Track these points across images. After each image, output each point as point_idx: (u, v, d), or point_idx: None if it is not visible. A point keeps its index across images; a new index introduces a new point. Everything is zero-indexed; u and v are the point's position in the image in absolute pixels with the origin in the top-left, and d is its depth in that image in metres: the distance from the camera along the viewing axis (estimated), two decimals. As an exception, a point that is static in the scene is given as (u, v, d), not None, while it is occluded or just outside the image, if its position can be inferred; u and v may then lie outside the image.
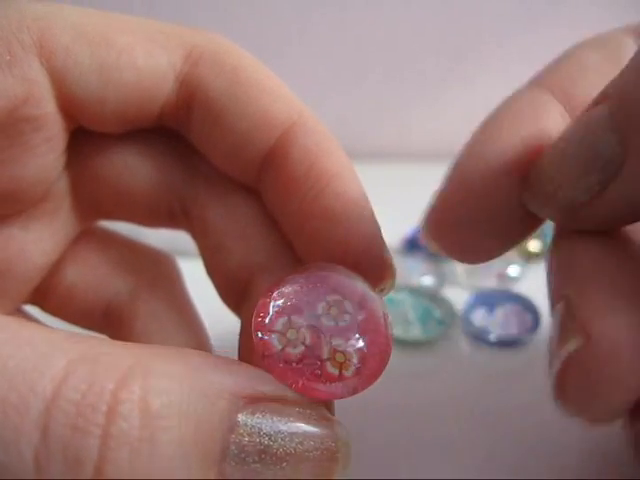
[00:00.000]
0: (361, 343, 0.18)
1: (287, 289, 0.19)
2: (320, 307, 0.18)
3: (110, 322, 0.26)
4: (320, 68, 0.52)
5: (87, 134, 0.22)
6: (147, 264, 0.26)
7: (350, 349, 0.18)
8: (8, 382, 0.14)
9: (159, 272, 0.27)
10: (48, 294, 0.25)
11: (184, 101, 0.22)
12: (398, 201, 0.38)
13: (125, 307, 0.26)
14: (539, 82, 0.22)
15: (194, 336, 0.26)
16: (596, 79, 0.21)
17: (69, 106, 0.20)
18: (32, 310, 0.26)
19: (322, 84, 0.21)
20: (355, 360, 0.18)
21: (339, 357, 0.18)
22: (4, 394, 0.14)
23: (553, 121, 0.21)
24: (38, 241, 0.23)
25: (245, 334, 0.23)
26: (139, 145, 0.23)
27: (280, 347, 0.18)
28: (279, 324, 0.18)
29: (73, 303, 0.25)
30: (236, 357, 0.22)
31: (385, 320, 0.19)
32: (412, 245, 0.42)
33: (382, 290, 0.21)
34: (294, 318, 0.18)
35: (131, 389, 0.15)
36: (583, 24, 0.53)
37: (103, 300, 0.26)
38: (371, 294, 0.19)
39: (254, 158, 0.21)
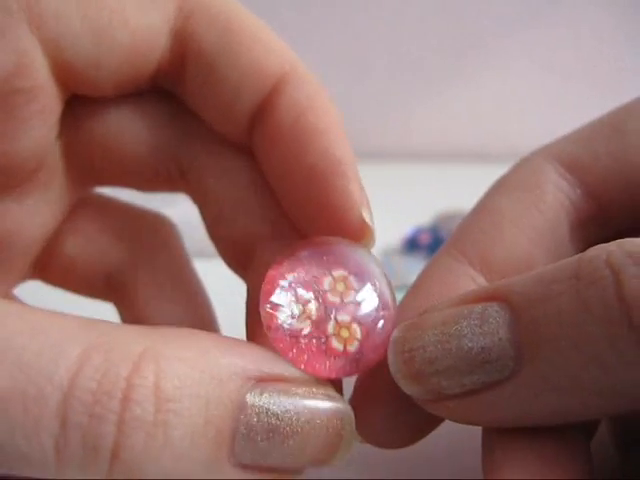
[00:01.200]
0: (365, 319, 0.18)
1: (294, 263, 0.19)
2: (326, 282, 0.18)
3: (113, 291, 0.26)
4: (322, 67, 0.52)
5: (78, 100, 0.22)
6: (147, 230, 0.26)
7: (354, 325, 0.18)
8: (26, 375, 0.14)
9: (159, 238, 0.26)
10: (50, 266, 0.25)
11: (178, 57, 0.21)
12: (398, 201, 0.38)
13: (126, 276, 0.26)
14: (456, 246, 0.21)
15: (195, 303, 0.26)
16: (514, 232, 0.21)
17: (64, 74, 0.20)
18: (37, 287, 0.26)
19: (323, 83, 0.21)
20: (359, 335, 0.18)
21: (344, 333, 0.18)
22: (23, 387, 0.14)
23: None
24: (34, 213, 0.23)
25: (252, 299, 0.23)
26: (132, 108, 0.23)
27: (287, 321, 0.18)
28: (286, 298, 0.18)
29: (75, 274, 0.25)
30: (240, 329, 0.22)
31: (387, 294, 0.19)
32: (412, 245, 0.42)
33: (364, 246, 0.21)
34: (301, 292, 0.18)
35: (144, 375, 0.15)
36: (583, 22, 0.53)
37: (104, 269, 0.26)
38: (375, 268, 0.19)
39: (245, 111, 0.21)
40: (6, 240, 0.22)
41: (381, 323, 0.18)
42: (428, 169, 0.49)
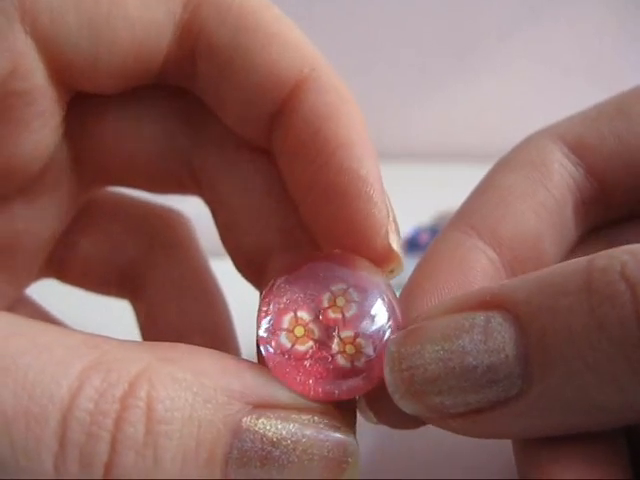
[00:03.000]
0: (370, 332, 0.17)
1: (289, 283, 0.18)
2: (325, 299, 0.18)
3: (128, 289, 0.26)
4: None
5: (84, 100, 0.21)
6: (161, 226, 0.26)
7: (359, 339, 0.17)
8: (29, 394, 0.15)
9: (173, 234, 0.26)
10: (64, 266, 0.25)
11: (187, 52, 0.20)
12: (398, 201, 0.37)
13: (140, 273, 0.26)
14: (465, 221, 0.21)
15: (210, 301, 0.26)
16: (522, 207, 0.20)
17: (61, 73, 0.19)
18: (51, 284, 0.26)
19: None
20: (365, 350, 0.17)
21: (349, 349, 0.17)
22: (26, 405, 0.15)
23: (481, 272, 0.20)
24: (42, 216, 0.23)
25: None
26: (141, 107, 0.22)
27: (287, 344, 0.17)
28: (284, 320, 0.17)
29: (90, 273, 0.25)
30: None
31: (392, 304, 0.18)
32: (412, 245, 0.41)
33: (391, 272, 0.20)
34: (300, 313, 0.17)
35: (138, 395, 0.15)
36: (584, 21, 0.53)
37: (119, 267, 0.25)
38: (375, 279, 0.18)
39: (263, 115, 0.20)
40: (15, 242, 0.22)
41: (388, 333, 0.17)
42: (428, 169, 0.49)
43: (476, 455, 0.26)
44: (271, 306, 0.17)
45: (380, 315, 0.18)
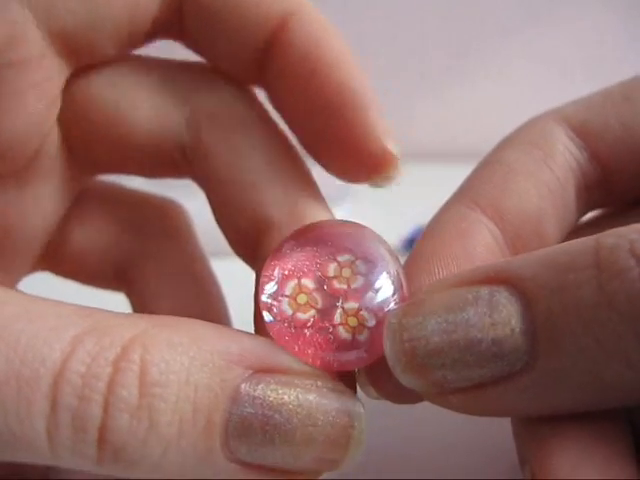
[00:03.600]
0: (374, 306, 0.17)
1: (296, 249, 0.17)
2: (331, 269, 0.17)
3: (123, 280, 0.26)
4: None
5: (75, 84, 0.21)
6: (155, 217, 0.26)
7: (363, 312, 0.17)
8: (21, 357, 0.15)
9: (167, 224, 0.26)
10: (58, 257, 0.25)
11: (175, 7, 0.21)
12: (398, 201, 0.38)
13: (135, 265, 0.25)
14: (468, 195, 0.21)
15: (204, 292, 0.26)
16: (525, 185, 0.20)
17: (59, 41, 0.19)
18: (44, 278, 0.26)
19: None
20: (368, 323, 0.17)
21: (352, 321, 0.17)
22: (17, 369, 0.14)
23: (484, 245, 0.20)
24: (36, 203, 0.22)
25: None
26: (133, 88, 0.22)
27: (289, 311, 0.17)
28: (288, 287, 0.17)
29: (84, 265, 0.25)
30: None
31: (399, 278, 0.17)
32: (412, 245, 0.41)
33: (389, 178, 0.20)
34: (304, 281, 0.17)
35: (131, 359, 0.15)
36: (584, 21, 0.53)
37: (113, 258, 0.25)
38: (384, 251, 0.18)
39: (254, 51, 0.21)
40: (8, 230, 0.22)
41: (392, 306, 0.17)
42: (428, 169, 0.49)
43: (474, 450, 0.26)
44: (276, 271, 0.17)
45: (385, 289, 0.17)
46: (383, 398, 0.19)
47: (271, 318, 0.17)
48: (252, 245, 0.22)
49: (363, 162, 0.19)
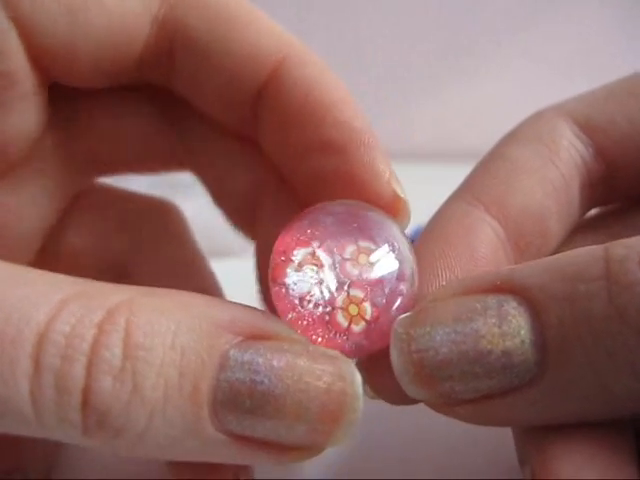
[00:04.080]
0: (378, 302, 0.16)
1: (319, 219, 0.17)
2: (349, 251, 0.16)
3: (120, 282, 0.26)
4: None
5: (72, 88, 0.21)
6: (150, 217, 0.26)
7: (366, 304, 0.16)
8: (6, 317, 0.14)
9: (163, 225, 0.26)
10: (55, 259, 0.25)
11: (165, 46, 0.20)
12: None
13: (131, 265, 0.25)
14: (471, 192, 0.20)
15: (203, 290, 0.25)
16: (530, 183, 0.20)
17: (40, 58, 0.19)
18: None
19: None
20: (367, 316, 0.16)
21: (352, 309, 0.16)
22: (2, 329, 0.14)
23: (487, 244, 0.19)
24: (32, 204, 0.22)
25: (261, 256, 0.22)
26: (129, 96, 0.22)
27: (294, 278, 0.16)
28: (302, 254, 0.16)
29: (80, 265, 0.25)
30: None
31: (412, 278, 0.17)
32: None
33: (400, 223, 0.19)
34: (319, 253, 0.16)
35: (116, 321, 0.15)
36: (584, 21, 0.53)
37: (110, 259, 0.25)
38: (403, 252, 0.17)
39: (246, 99, 0.20)
40: (3, 231, 0.22)
41: (400, 305, 0.16)
42: (428, 169, 0.49)
43: (474, 450, 0.26)
44: (296, 232, 0.16)
45: (397, 287, 0.16)
46: (380, 398, 0.18)
47: (276, 279, 0.16)
48: (250, 213, 0.22)
49: (370, 203, 0.19)
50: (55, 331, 0.14)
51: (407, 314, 0.16)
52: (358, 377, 0.16)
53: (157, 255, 0.25)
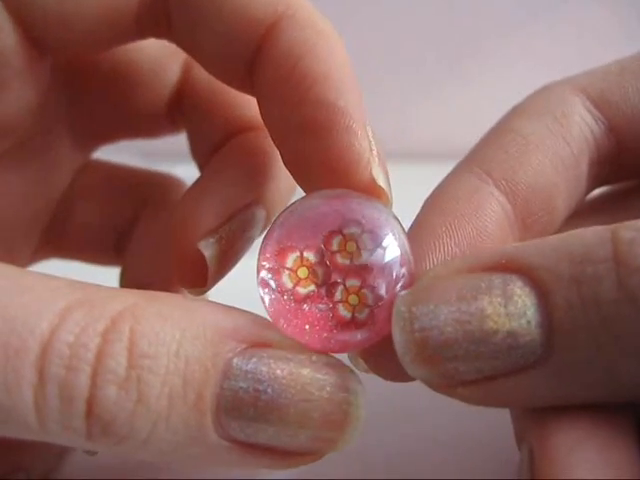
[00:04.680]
0: (377, 284, 0.16)
1: (299, 219, 0.16)
2: (335, 242, 0.16)
3: (122, 255, 0.26)
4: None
5: (72, 58, 0.21)
6: (155, 191, 0.26)
7: (365, 290, 0.16)
8: (10, 326, 0.14)
9: (163, 196, 0.26)
10: (63, 237, 0.25)
11: (160, 5, 0.20)
12: (398, 201, 0.37)
13: (133, 237, 0.25)
14: (481, 164, 0.20)
15: None
16: (542, 159, 0.20)
17: (33, 34, 0.19)
18: (47, 267, 0.26)
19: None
20: (370, 302, 0.16)
21: (352, 299, 0.16)
22: (6, 338, 0.14)
23: (495, 222, 0.19)
24: (36, 180, 0.22)
25: (200, 180, 0.22)
26: (127, 57, 0.22)
27: (288, 284, 0.16)
28: (288, 259, 0.16)
29: (88, 241, 0.25)
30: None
31: (406, 255, 0.17)
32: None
33: None
34: (306, 254, 0.16)
35: (120, 330, 0.15)
36: (584, 21, 0.53)
37: (114, 233, 0.25)
38: (392, 223, 0.17)
39: (241, 58, 0.19)
40: (10, 209, 0.22)
41: (399, 286, 0.16)
42: (428, 169, 0.49)
43: (473, 449, 0.26)
44: (277, 241, 0.16)
45: (393, 267, 0.16)
46: (372, 372, 0.18)
47: (269, 291, 0.16)
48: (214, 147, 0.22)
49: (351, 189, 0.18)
50: (59, 341, 0.14)
51: (408, 291, 0.16)
52: (361, 387, 0.16)
53: (156, 226, 0.25)
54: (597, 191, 0.23)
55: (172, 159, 0.26)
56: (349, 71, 0.18)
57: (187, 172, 0.32)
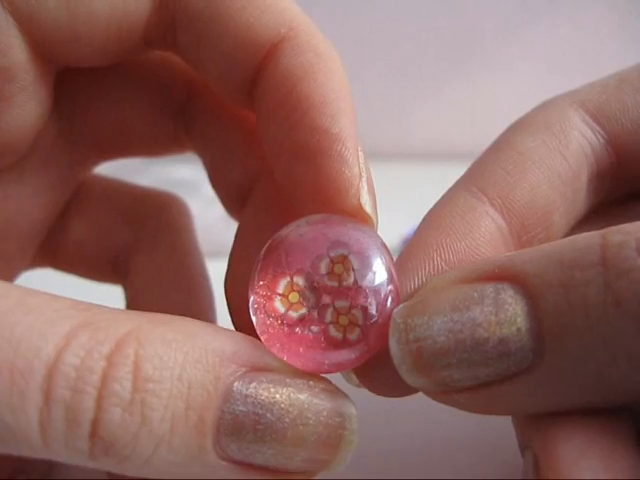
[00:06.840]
0: (366, 304, 0.16)
1: (287, 243, 0.17)
2: (323, 265, 0.17)
3: (120, 274, 0.26)
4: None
5: (72, 74, 0.21)
6: (153, 211, 0.26)
7: (354, 311, 0.16)
8: (15, 349, 0.14)
9: (165, 219, 0.26)
10: (58, 251, 0.25)
11: (167, 23, 0.20)
12: (398, 201, 0.38)
13: (131, 257, 0.25)
14: (476, 183, 0.20)
15: (191, 288, 0.25)
16: (538, 176, 0.20)
17: (43, 48, 0.19)
18: (44, 275, 0.26)
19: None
20: (360, 322, 0.16)
21: (342, 320, 0.16)
22: (11, 361, 0.14)
23: (489, 240, 0.19)
24: (35, 195, 0.22)
25: (241, 237, 0.22)
26: (131, 74, 0.22)
27: (279, 310, 0.16)
28: (278, 284, 0.16)
29: (83, 258, 0.25)
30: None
31: (392, 275, 0.17)
32: (412, 245, 0.41)
33: None
34: (296, 279, 0.16)
35: (125, 353, 0.15)
36: (585, 21, 0.53)
37: (111, 251, 0.25)
38: (377, 245, 0.17)
39: (243, 78, 0.20)
40: (8, 224, 0.22)
41: (388, 305, 0.16)
42: (428, 169, 0.49)
43: (472, 449, 0.26)
44: (268, 268, 0.17)
45: (380, 287, 0.17)
46: (364, 387, 0.18)
47: (262, 316, 0.16)
48: (242, 198, 0.22)
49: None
50: (65, 363, 0.15)
51: (405, 304, 0.16)
52: (354, 413, 0.16)
53: (154, 246, 0.26)
54: None
55: (172, 159, 0.26)
56: (346, 95, 0.19)
57: (187, 172, 0.32)
